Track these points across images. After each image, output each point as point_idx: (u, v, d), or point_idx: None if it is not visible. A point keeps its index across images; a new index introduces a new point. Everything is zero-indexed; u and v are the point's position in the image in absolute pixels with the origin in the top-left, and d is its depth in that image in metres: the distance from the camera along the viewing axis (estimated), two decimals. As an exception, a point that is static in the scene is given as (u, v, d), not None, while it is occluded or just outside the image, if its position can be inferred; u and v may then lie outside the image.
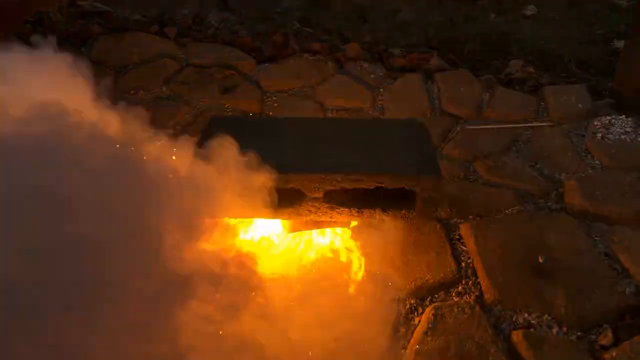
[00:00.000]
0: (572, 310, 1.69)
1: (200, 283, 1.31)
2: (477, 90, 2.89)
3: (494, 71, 3.19)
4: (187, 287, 1.28)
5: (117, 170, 1.30)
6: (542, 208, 2.13)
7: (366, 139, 1.82)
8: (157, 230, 1.28)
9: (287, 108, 2.74)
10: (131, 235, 1.23)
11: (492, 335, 1.61)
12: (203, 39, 3.29)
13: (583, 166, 2.37)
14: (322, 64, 3.11)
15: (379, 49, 3.28)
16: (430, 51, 3.28)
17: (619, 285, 1.78)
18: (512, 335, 1.63)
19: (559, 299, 1.72)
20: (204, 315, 1.31)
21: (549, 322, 1.67)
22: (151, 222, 1.29)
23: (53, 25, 3.17)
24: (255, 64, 3.11)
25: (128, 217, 1.25)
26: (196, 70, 2.97)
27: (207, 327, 1.31)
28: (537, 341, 1.59)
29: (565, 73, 3.17)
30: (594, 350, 1.59)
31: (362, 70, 3.08)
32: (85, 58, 2.59)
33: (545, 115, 2.75)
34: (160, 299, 1.23)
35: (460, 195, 2.14)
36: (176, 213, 1.34)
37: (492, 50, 3.41)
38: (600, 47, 3.49)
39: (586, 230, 2.02)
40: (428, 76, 3.07)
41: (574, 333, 1.65)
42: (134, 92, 2.76)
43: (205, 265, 1.38)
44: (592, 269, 1.83)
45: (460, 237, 1.97)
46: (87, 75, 1.59)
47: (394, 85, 2.96)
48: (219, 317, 1.35)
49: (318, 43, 3.22)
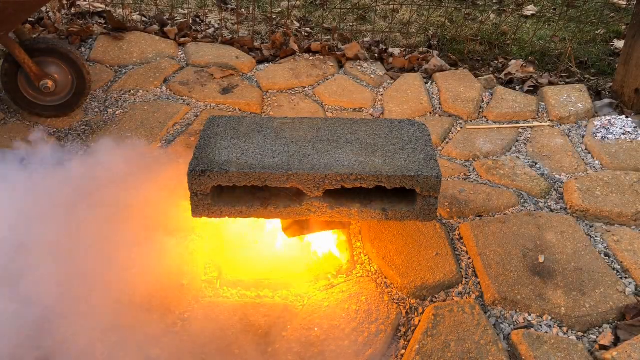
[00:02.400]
0: (572, 310, 1.69)
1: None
2: (477, 90, 2.89)
3: (494, 71, 3.19)
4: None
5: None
6: (542, 208, 2.13)
7: (366, 139, 1.82)
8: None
9: (287, 108, 2.74)
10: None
11: (492, 335, 1.61)
12: (203, 39, 3.30)
13: (583, 166, 2.37)
14: (322, 64, 3.11)
15: (379, 49, 3.29)
16: (430, 51, 3.29)
17: (619, 285, 1.78)
18: (512, 335, 1.63)
19: (559, 299, 1.72)
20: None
21: (549, 322, 1.67)
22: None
23: (53, 25, 3.18)
24: (255, 64, 3.12)
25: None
26: (196, 70, 2.97)
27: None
28: (537, 341, 1.59)
29: (565, 73, 3.17)
30: (593, 350, 1.59)
31: (362, 70, 3.08)
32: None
33: (545, 115, 2.75)
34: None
35: (460, 195, 2.14)
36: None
37: (492, 50, 3.42)
38: (600, 47, 3.49)
39: (586, 230, 2.02)
40: (428, 76, 3.07)
41: (574, 333, 1.65)
42: (134, 92, 2.75)
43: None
44: (592, 269, 1.83)
45: (460, 237, 1.97)
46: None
47: (394, 85, 2.96)
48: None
49: (318, 43, 3.22)
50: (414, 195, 1.72)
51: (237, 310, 1.67)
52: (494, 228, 1.98)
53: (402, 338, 1.63)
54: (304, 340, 1.59)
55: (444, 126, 2.63)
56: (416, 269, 1.80)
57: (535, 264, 1.83)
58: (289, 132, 1.84)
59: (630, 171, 2.30)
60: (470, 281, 1.80)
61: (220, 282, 1.78)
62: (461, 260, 1.88)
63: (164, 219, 1.96)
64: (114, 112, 2.61)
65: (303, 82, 2.95)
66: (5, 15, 2.16)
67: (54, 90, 2.46)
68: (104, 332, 1.57)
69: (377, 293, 1.75)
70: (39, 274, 1.68)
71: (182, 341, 1.57)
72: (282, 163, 1.67)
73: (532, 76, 3.07)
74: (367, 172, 1.65)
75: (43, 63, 2.42)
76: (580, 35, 3.59)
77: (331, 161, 1.69)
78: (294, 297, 1.74)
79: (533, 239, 1.93)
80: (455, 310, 1.68)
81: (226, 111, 2.69)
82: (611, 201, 2.11)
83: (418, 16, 3.85)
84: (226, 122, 1.89)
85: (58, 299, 1.62)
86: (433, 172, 1.66)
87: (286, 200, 1.73)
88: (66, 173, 2.10)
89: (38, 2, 2.22)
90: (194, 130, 2.50)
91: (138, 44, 3.13)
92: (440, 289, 1.77)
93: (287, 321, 1.65)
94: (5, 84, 2.44)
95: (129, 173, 2.09)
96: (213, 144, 1.76)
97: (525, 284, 1.76)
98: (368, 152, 1.74)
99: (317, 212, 1.72)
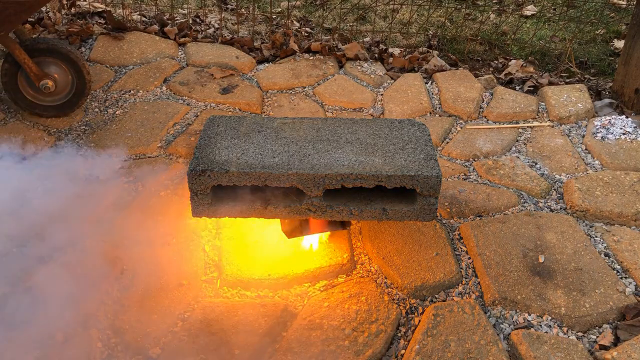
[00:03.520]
0: (572, 310, 1.69)
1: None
2: (477, 90, 2.89)
3: (494, 71, 3.19)
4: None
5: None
6: (542, 208, 2.13)
7: (366, 138, 1.82)
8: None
9: (287, 108, 2.74)
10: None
11: (492, 335, 1.61)
12: (203, 39, 3.30)
13: (583, 166, 2.37)
14: (322, 64, 3.11)
15: (379, 49, 3.29)
16: (430, 51, 3.29)
17: (619, 285, 1.78)
18: (512, 335, 1.62)
19: (559, 299, 1.72)
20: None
21: (549, 322, 1.67)
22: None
23: (53, 25, 3.18)
24: (255, 64, 3.12)
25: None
26: (196, 70, 2.97)
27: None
28: (537, 341, 1.59)
29: (565, 73, 3.18)
30: (593, 350, 1.59)
31: (362, 70, 3.09)
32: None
33: (545, 115, 2.75)
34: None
35: (460, 195, 2.14)
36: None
37: (492, 50, 3.42)
38: (600, 47, 3.49)
39: (586, 230, 2.02)
40: (428, 76, 3.07)
41: (574, 333, 1.65)
42: (134, 92, 2.75)
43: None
44: (592, 269, 1.82)
45: (460, 237, 1.97)
46: None
47: (394, 85, 2.96)
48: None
49: (318, 43, 3.22)
50: (414, 195, 1.72)
51: (237, 310, 1.67)
52: (493, 228, 1.98)
53: (402, 338, 1.63)
54: (304, 340, 1.59)
55: (444, 126, 2.63)
56: (416, 269, 1.80)
57: (535, 264, 1.83)
58: (289, 132, 1.84)
59: (630, 171, 2.30)
60: (470, 281, 1.80)
61: (220, 282, 1.77)
62: (461, 260, 1.88)
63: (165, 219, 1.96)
64: (114, 112, 2.61)
65: (303, 82, 2.95)
66: (5, 15, 2.16)
67: (54, 90, 2.46)
68: (103, 332, 1.57)
69: (377, 293, 1.75)
70: (39, 273, 1.69)
71: (182, 341, 1.57)
72: (282, 163, 1.67)
73: (532, 76, 3.07)
74: (367, 172, 1.65)
75: (43, 63, 2.42)
76: (580, 35, 3.59)
77: (331, 161, 1.69)
78: (294, 297, 1.74)
79: (533, 239, 1.93)
80: (455, 310, 1.68)
81: (226, 111, 2.69)
82: (611, 201, 2.11)
83: (418, 16, 3.86)
84: (226, 122, 1.89)
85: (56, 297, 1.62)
86: (433, 171, 1.66)
87: (286, 200, 1.73)
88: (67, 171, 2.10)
89: (38, 2, 2.22)
90: (194, 130, 2.50)
91: (138, 44, 3.13)
92: (440, 289, 1.77)
93: (287, 321, 1.65)
94: (6, 84, 2.44)
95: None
96: (213, 144, 1.76)
97: (525, 284, 1.76)
98: (368, 152, 1.74)
99: (317, 211, 1.72)
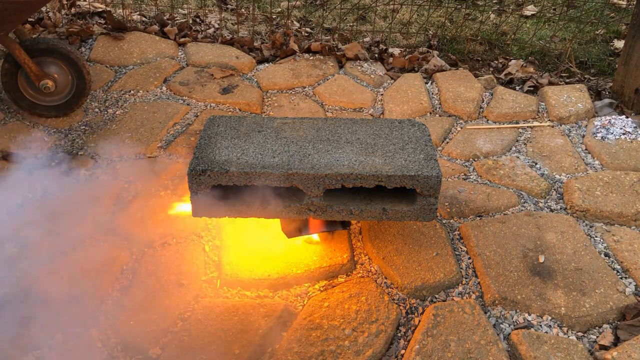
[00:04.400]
0: (572, 310, 1.69)
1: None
2: (477, 90, 2.89)
3: (494, 71, 3.19)
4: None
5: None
6: (542, 208, 2.13)
7: (366, 138, 1.82)
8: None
9: (287, 108, 2.74)
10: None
11: (492, 335, 1.61)
12: (203, 39, 3.30)
13: (583, 166, 2.37)
14: (322, 64, 3.11)
15: (379, 49, 3.29)
16: (430, 51, 3.29)
17: (619, 285, 1.78)
18: (512, 335, 1.62)
19: (559, 299, 1.72)
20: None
21: (549, 322, 1.67)
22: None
23: (53, 25, 3.18)
24: (255, 64, 3.12)
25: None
26: (196, 70, 2.97)
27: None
28: (537, 341, 1.59)
29: (565, 73, 3.18)
30: (593, 350, 1.59)
31: (362, 70, 3.08)
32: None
33: (545, 115, 2.75)
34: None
35: (460, 195, 2.14)
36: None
37: (492, 50, 3.42)
38: (600, 47, 3.49)
39: (586, 230, 2.02)
40: (428, 76, 3.07)
41: (574, 333, 1.65)
42: (134, 93, 2.75)
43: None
44: (592, 269, 1.82)
45: (460, 237, 1.97)
46: None
47: (394, 85, 2.96)
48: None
49: (318, 43, 3.22)
50: (414, 195, 1.72)
51: (237, 310, 1.67)
52: (493, 228, 1.98)
53: (402, 338, 1.63)
54: (304, 340, 1.59)
55: (444, 126, 2.63)
56: (416, 269, 1.80)
57: (535, 264, 1.83)
58: (289, 131, 1.84)
59: (630, 171, 2.30)
60: (470, 281, 1.80)
61: (220, 282, 1.77)
62: (461, 260, 1.88)
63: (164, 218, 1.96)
64: (114, 112, 2.61)
65: (303, 82, 2.95)
66: (5, 15, 2.16)
67: (54, 91, 2.46)
68: (103, 332, 1.57)
69: (377, 293, 1.75)
70: (38, 272, 1.69)
71: (182, 341, 1.57)
72: (282, 162, 1.67)
73: (532, 76, 3.07)
74: (367, 172, 1.65)
75: (43, 63, 2.42)
76: (580, 35, 3.59)
77: (331, 161, 1.69)
78: (294, 297, 1.74)
79: (533, 239, 1.93)
80: (455, 310, 1.68)
81: (226, 111, 2.69)
82: (611, 201, 2.11)
83: (418, 16, 3.86)
84: (226, 121, 1.89)
85: (56, 298, 1.62)
86: (433, 171, 1.66)
87: (286, 200, 1.73)
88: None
89: (38, 2, 2.22)
90: (194, 130, 2.50)
91: (138, 44, 3.13)
92: (440, 289, 1.77)
93: (287, 321, 1.65)
94: (6, 84, 2.44)
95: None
96: (213, 144, 1.76)
97: (525, 284, 1.76)
98: (368, 152, 1.74)
99: (317, 211, 1.72)
